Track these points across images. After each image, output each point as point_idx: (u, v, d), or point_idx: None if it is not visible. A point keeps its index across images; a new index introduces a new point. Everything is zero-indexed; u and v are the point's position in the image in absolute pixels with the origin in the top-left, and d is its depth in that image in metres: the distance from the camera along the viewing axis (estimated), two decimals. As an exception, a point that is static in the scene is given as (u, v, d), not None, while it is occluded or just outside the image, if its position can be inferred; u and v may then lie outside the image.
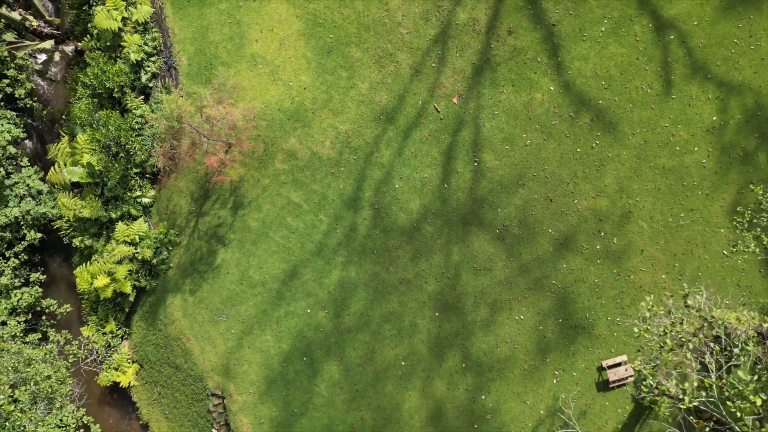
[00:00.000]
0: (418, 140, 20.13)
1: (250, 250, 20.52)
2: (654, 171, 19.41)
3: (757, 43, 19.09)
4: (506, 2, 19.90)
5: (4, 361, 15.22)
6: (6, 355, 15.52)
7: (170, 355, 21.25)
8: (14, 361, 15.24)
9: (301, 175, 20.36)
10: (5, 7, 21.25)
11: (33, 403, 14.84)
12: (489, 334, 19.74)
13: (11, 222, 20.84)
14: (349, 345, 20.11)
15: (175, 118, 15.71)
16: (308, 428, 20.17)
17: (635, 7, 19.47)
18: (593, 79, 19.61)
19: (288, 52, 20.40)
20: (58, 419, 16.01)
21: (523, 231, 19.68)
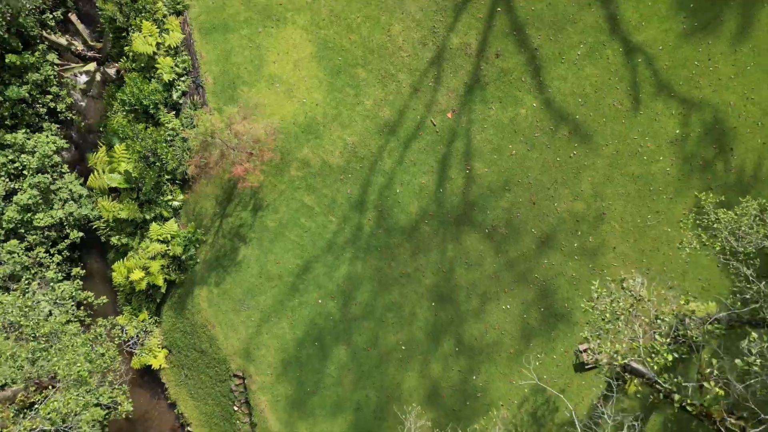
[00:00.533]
0: (416, 150, 22.78)
1: (268, 247, 23.19)
2: (624, 177, 22.02)
3: (715, 65, 21.70)
4: (494, 29, 22.58)
5: (66, 340, 17.84)
6: (65, 337, 18.15)
7: (196, 341, 23.91)
8: (74, 341, 17.87)
9: (313, 181, 23.03)
10: (53, 32, 24.02)
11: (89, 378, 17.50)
12: (479, 321, 22.33)
13: (56, 222, 23.55)
14: (356, 331, 22.73)
15: (209, 134, 18.40)
16: (319, 405, 22.80)
17: (607, 33, 22.11)
18: (571, 97, 22.25)
19: (302, 73, 23.10)
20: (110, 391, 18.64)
21: (509, 230, 22.30)
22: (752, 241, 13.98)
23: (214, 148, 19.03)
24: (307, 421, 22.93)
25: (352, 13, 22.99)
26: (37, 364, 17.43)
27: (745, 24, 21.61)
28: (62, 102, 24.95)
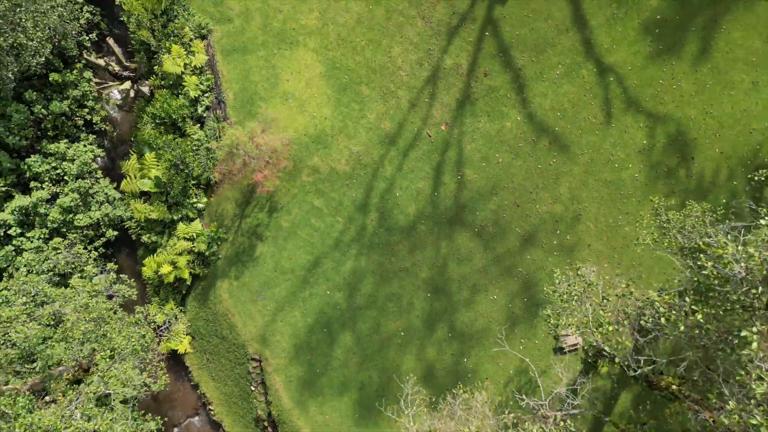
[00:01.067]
0: (414, 159, 25.65)
1: (282, 244, 26.06)
2: (598, 183, 24.84)
3: (677, 83, 24.53)
4: (483, 51, 25.46)
5: (113, 324, 20.66)
6: (111, 320, 20.95)
7: (218, 328, 26.78)
8: (118, 326, 20.68)
9: (322, 186, 25.91)
10: (91, 54, 26.98)
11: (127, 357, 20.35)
12: (470, 310, 25.15)
13: (93, 222, 26.44)
14: (360, 319, 25.58)
15: (234, 146, 21.26)
16: (328, 385, 25.63)
17: (583, 55, 24.97)
18: (551, 111, 25.10)
19: (312, 90, 26.01)
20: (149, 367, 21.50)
21: (496, 230, 25.14)
22: (694, 238, 16.71)
23: (238, 158, 21.93)
24: (317, 400, 25.78)
25: (356, 37, 25.90)
26: (86, 345, 20.23)
27: (705, 47, 24.45)
28: (97, 115, 27.87)
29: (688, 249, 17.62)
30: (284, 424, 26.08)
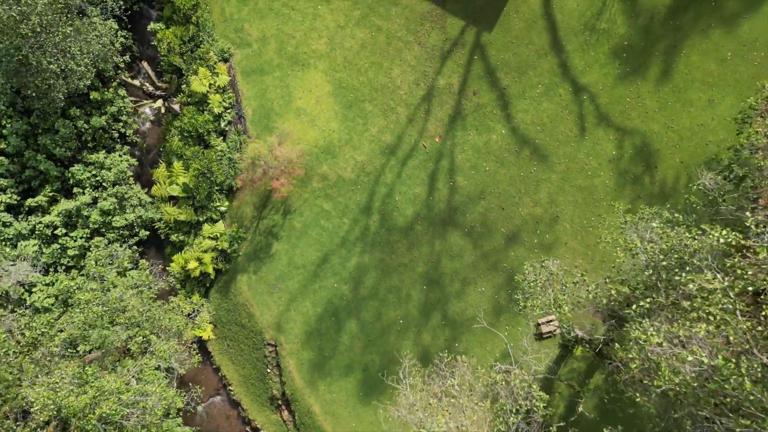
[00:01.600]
0: (411, 167, 29.07)
1: (295, 243, 29.49)
2: (573, 188, 28.22)
3: (642, 101, 27.92)
4: (472, 72, 28.90)
5: (155, 310, 24.08)
6: (152, 308, 24.36)
7: (237, 317, 30.21)
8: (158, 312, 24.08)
9: (330, 191, 29.34)
10: (126, 75, 30.51)
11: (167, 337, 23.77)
12: (460, 301, 28.52)
13: (128, 224, 29.91)
14: (364, 308, 28.98)
15: (256, 158, 24.67)
16: (335, 367, 29.02)
17: (560, 77, 28.38)
18: (532, 126, 28.50)
19: (322, 107, 29.47)
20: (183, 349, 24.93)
21: (483, 230, 28.52)
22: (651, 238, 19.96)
23: (258, 167, 25.37)
24: (326, 380, 29.17)
25: (361, 60, 29.36)
26: (129, 330, 23.64)
27: (666, 69, 27.84)
28: (130, 128, 31.37)
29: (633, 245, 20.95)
30: (296, 401, 29.47)
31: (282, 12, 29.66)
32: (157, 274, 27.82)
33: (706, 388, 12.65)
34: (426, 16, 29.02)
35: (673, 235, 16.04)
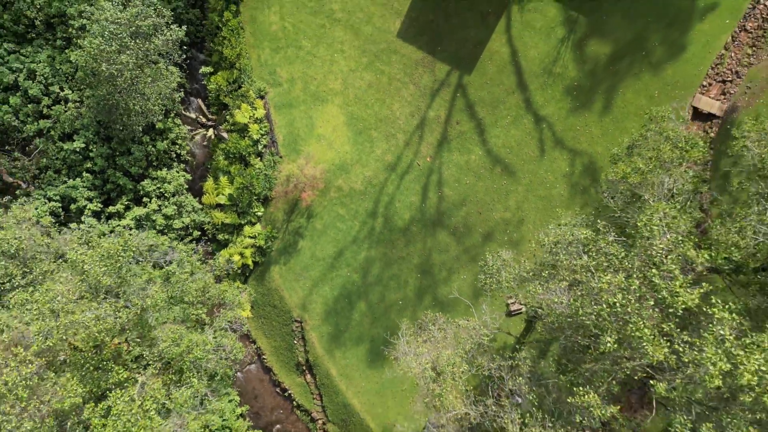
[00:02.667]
0: (408, 180, 36.83)
1: (316, 240, 37.28)
2: (536, 197, 35.84)
3: (589, 129, 35.56)
4: (455, 106, 36.70)
5: (213, 291, 31.83)
6: (212, 288, 32.13)
7: (270, 299, 37.97)
8: (217, 290, 31.85)
9: (344, 199, 37.15)
10: (184, 109, 38.61)
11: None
12: (447, 286, 36.13)
13: (184, 226, 37.84)
14: (371, 292, 36.68)
15: (290, 176, 32.55)
16: (348, 339, 36.69)
17: (524, 110, 36.13)
18: (503, 148, 36.22)
19: (337, 133, 37.36)
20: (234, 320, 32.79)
21: (465, 230, 36.18)
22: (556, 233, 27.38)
23: (291, 183, 33.26)
24: (341, 349, 36.87)
25: (368, 96, 37.28)
26: (192, 308, 31.35)
27: (607, 104, 35.48)
28: (184, 150, 39.38)
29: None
30: (317, 367, 37.18)
31: (306, 59, 37.66)
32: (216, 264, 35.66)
33: (570, 320, 20.04)
34: (419, 62, 36.93)
35: (564, 231, 23.58)
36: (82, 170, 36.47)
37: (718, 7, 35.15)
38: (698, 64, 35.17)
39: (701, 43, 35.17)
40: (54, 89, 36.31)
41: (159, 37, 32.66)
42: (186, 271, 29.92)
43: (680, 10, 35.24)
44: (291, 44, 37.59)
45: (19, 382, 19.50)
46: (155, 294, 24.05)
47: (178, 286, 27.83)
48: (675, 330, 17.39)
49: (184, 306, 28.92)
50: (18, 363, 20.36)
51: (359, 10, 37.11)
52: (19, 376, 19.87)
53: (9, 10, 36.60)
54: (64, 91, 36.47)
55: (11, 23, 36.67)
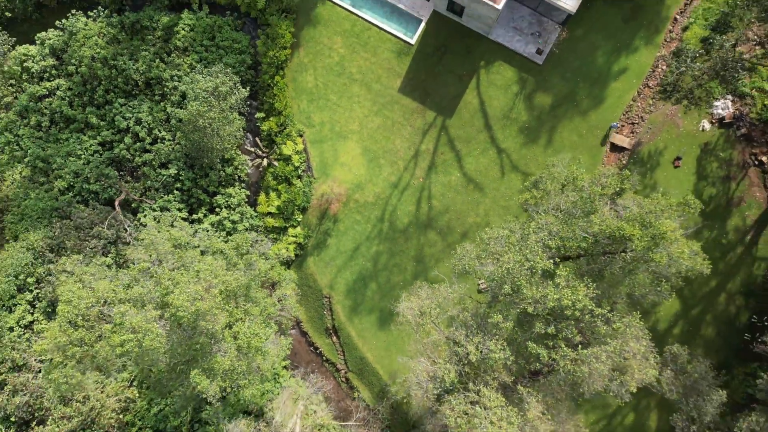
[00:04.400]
0: (406, 195, 50.94)
1: (340, 238, 51.51)
2: (498, 207, 49.72)
3: (536, 157, 49.40)
4: (440, 141, 50.81)
5: (261, 264, 45.91)
6: (273, 272, 46.28)
7: (306, 281, 52.22)
8: (275, 272, 45.96)
9: (360, 209, 51.36)
10: (250, 145, 53.32)
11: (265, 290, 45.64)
12: (434, 270, 50.05)
13: (245, 228, 52.30)
14: (379, 276, 50.76)
15: (324, 194, 46.77)
16: (364, 310, 50.77)
17: (490, 144, 50.12)
18: (475, 172, 50.19)
19: (355, 161, 51.66)
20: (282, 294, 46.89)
21: (448, 230, 50.14)
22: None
23: (323, 197, 47.51)
24: (358, 317, 50.94)
25: (378, 134, 51.55)
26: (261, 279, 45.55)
27: (550, 140, 49.34)
28: (243, 173, 53.91)
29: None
30: (341, 330, 51.25)
31: (332, 108, 52.10)
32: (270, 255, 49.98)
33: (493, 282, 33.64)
34: (414, 110, 51.19)
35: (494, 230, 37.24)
36: (173, 189, 51.20)
37: (628, 71, 49.19)
38: (614, 111, 49.15)
39: (616, 96, 49.15)
40: (154, 132, 51.19)
41: (232, 97, 47.34)
42: (262, 256, 44.25)
43: (600, 73, 49.32)
44: (321, 97, 52.14)
45: (209, 309, 32.05)
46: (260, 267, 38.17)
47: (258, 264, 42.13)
48: (537, 281, 31.07)
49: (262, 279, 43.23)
50: (211, 297, 33.50)
51: (371, 72, 51.57)
52: (212, 304, 32.41)
53: (121, 75, 51.58)
54: (161, 132, 51.32)
55: (123, 84, 51.67)
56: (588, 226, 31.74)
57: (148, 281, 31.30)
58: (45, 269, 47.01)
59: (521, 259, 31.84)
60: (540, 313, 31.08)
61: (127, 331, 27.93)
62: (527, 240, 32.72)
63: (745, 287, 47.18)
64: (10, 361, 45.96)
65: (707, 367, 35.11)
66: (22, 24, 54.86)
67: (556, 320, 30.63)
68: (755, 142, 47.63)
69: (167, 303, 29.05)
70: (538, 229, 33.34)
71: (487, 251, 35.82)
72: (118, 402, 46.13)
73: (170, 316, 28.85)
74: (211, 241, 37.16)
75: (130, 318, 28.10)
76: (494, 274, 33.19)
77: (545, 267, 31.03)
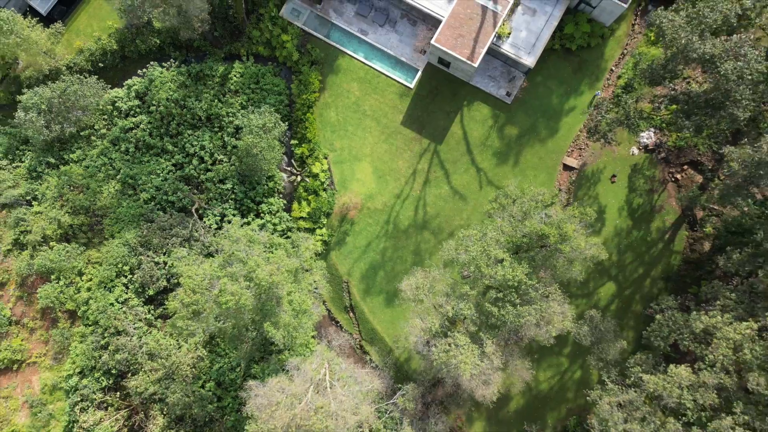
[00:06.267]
0: (407, 203, 66.26)
1: (356, 237, 66.95)
2: (477, 213, 64.89)
3: (506, 175, 64.62)
4: (432, 163, 66.15)
5: (306, 254, 61.14)
6: (306, 253, 61.47)
7: (330, 270, 67.66)
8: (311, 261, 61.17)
9: (371, 214, 66.78)
10: (286, 165, 69.13)
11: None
12: (428, 261, 65.24)
13: (283, 229, 67.91)
14: (386, 265, 66.09)
15: (345, 203, 62.08)
16: (374, 292, 66.14)
17: (471, 164, 65.37)
18: (459, 186, 65.45)
19: (367, 177, 67.16)
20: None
21: (438, 231, 65.36)
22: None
23: (343, 206, 62.91)
24: (371, 297, 66.31)
25: (385, 157, 67.00)
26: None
27: (516, 161, 64.54)
28: (280, 186, 69.52)
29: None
30: (357, 308, 66.66)
31: (350, 136, 67.65)
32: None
33: (466, 269, 48.40)
34: (413, 138, 66.64)
35: (468, 232, 52.22)
36: (229, 198, 66.98)
37: (575, 109, 64.51)
38: (566, 139, 64.42)
39: (566, 128, 64.45)
40: (214, 155, 67.06)
41: (275, 130, 63.07)
42: (306, 249, 59.75)
43: (555, 111, 64.67)
44: (341, 128, 67.82)
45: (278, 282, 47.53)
46: (306, 255, 53.70)
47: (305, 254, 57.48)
48: (491, 264, 46.17)
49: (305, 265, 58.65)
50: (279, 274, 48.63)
51: (379, 109, 67.18)
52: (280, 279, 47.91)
53: (189, 112, 67.52)
54: (219, 156, 67.19)
55: (190, 119, 67.58)
56: (524, 228, 46.79)
57: (237, 263, 46.77)
58: (137, 260, 62.93)
59: (482, 250, 47.02)
60: (493, 285, 46.22)
61: (229, 294, 43.33)
62: (486, 237, 47.90)
63: (664, 273, 62.07)
64: (113, 327, 61.87)
65: (613, 325, 49.94)
66: (110, 72, 71.04)
67: (503, 289, 45.71)
68: (672, 164, 62.63)
69: (252, 277, 44.46)
70: (494, 230, 48.51)
71: (462, 245, 51.02)
72: (192, 359, 61.79)
73: (254, 286, 44.23)
74: (272, 238, 52.74)
75: (230, 287, 43.53)
76: (465, 260, 48.41)
77: (496, 255, 46.15)
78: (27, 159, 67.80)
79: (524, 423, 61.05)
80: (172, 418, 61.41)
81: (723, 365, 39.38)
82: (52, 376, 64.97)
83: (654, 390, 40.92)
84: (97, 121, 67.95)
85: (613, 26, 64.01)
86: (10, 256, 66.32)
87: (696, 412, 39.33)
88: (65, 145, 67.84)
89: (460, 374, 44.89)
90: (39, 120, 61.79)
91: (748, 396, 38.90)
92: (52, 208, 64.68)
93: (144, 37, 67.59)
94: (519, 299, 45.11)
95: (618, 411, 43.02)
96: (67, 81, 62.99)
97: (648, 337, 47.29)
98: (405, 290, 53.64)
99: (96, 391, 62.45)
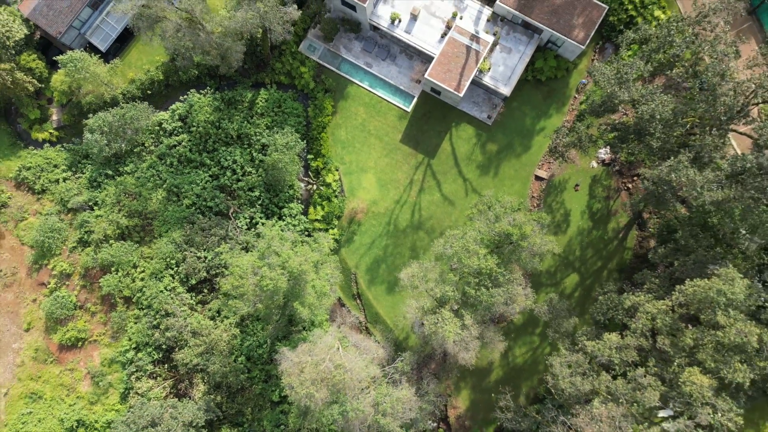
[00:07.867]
0: (404, 208, 79.29)
1: (362, 236, 79.97)
2: (464, 216, 77.78)
3: (488, 184, 77.49)
4: (426, 174, 79.23)
5: (326, 249, 73.84)
6: (325, 248, 74.24)
7: (341, 263, 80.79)
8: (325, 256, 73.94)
9: (375, 216, 79.81)
10: (303, 176, 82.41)
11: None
12: (423, 256, 78.21)
13: (301, 230, 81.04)
14: (387, 260, 79.10)
15: (354, 208, 75.00)
16: (378, 281, 79.18)
17: (458, 175, 78.44)
18: (449, 193, 78.44)
19: (372, 186, 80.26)
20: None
21: (431, 231, 78.27)
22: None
23: (352, 210, 75.94)
24: (374, 286, 79.33)
25: (386, 169, 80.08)
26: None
27: (497, 172, 77.51)
28: (298, 194, 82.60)
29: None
30: (363, 295, 79.69)
31: (356, 152, 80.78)
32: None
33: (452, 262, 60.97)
34: (410, 154, 79.74)
35: (454, 231, 64.96)
36: (256, 204, 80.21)
37: (545, 129, 77.65)
38: (537, 154, 77.51)
39: (538, 145, 77.57)
40: (244, 168, 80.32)
41: (296, 148, 76.21)
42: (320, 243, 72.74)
43: (528, 130, 77.82)
44: (350, 145, 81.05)
45: (306, 270, 60.77)
46: (325, 250, 66.74)
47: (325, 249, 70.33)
48: (469, 256, 59.07)
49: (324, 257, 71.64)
50: (307, 263, 62.28)
51: (382, 129, 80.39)
52: (307, 268, 61.54)
53: (223, 131, 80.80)
54: (248, 168, 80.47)
55: (224, 137, 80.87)
56: (496, 228, 59.77)
57: (273, 256, 59.90)
58: (182, 255, 76.21)
59: (462, 246, 60.03)
60: (471, 273, 59.23)
61: (269, 279, 56.41)
62: (466, 236, 60.93)
63: (618, 266, 74.97)
64: (163, 310, 75.13)
65: (566, 305, 62.85)
66: (156, 97, 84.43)
67: (479, 276, 58.66)
68: (624, 175, 75.60)
69: (285, 266, 57.64)
70: (473, 230, 61.52)
71: (448, 242, 64.07)
72: (228, 336, 75.01)
73: (287, 273, 57.32)
74: (296, 236, 65.85)
75: (269, 273, 56.63)
76: (450, 254, 61.45)
77: (474, 250, 59.12)
78: (87, 171, 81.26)
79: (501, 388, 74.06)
80: (211, 385, 74.60)
81: (642, 332, 52.08)
82: (111, 352, 78.30)
83: (591, 351, 53.62)
84: (147, 139, 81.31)
85: (576, 61, 77.03)
86: (75, 252, 79.71)
87: (622, 367, 52.07)
88: (120, 159, 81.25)
89: (446, 341, 57.82)
90: (102, 139, 75.19)
91: (660, 354, 51.55)
92: (111, 212, 78.08)
93: (185, 70, 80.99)
94: (491, 283, 58.08)
95: (566, 369, 55.90)
96: (126, 108, 76.44)
97: (592, 313, 60.10)
98: (403, 279, 66.58)
99: (148, 363, 75.71)
